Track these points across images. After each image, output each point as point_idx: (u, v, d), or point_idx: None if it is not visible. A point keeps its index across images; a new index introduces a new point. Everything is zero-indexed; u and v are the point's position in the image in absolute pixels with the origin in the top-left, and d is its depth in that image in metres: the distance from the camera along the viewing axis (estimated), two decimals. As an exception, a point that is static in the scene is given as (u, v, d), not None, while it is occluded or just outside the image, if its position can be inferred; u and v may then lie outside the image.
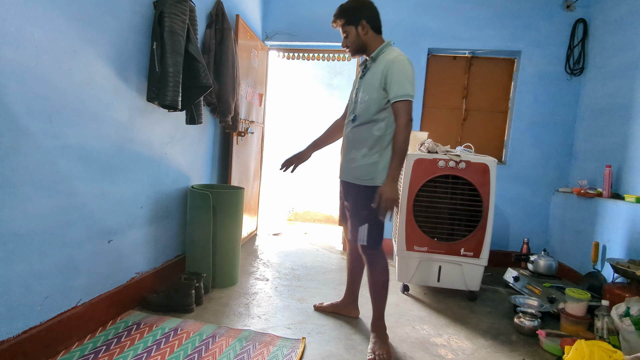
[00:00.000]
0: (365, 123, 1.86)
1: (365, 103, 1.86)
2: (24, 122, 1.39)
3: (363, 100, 1.87)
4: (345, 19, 1.88)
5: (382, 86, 1.81)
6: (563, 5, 3.33)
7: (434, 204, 2.54)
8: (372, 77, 1.85)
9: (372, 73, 1.86)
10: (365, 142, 1.85)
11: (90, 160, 1.72)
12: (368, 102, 1.85)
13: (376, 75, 1.83)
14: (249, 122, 3.43)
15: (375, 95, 1.83)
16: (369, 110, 1.84)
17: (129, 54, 1.90)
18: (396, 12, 3.57)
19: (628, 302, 1.93)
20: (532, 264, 2.75)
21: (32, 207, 1.45)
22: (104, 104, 1.77)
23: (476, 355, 1.90)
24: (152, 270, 2.26)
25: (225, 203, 2.45)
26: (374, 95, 1.83)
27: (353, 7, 1.89)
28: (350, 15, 1.88)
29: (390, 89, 1.77)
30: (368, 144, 1.85)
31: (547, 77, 3.38)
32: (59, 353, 1.58)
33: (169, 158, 2.35)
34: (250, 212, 3.66)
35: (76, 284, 1.69)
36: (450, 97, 3.64)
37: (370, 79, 1.86)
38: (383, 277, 1.92)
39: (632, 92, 2.67)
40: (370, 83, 1.85)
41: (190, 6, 2.14)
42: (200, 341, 1.79)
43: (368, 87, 1.86)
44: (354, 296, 2.24)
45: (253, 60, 3.43)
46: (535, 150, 3.43)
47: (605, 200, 2.65)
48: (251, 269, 2.93)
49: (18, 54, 1.34)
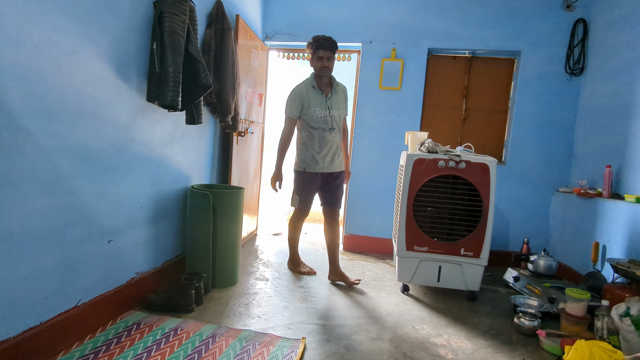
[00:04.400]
0: (340, 130, 2.76)
1: (339, 118, 2.74)
2: (24, 122, 1.38)
3: (340, 115, 2.73)
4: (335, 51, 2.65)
5: (344, 107, 2.79)
6: (563, 5, 3.33)
7: (434, 204, 2.54)
8: (340, 99, 2.73)
9: (339, 97, 2.73)
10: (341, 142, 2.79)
11: (90, 160, 1.72)
12: (341, 117, 2.75)
13: (342, 98, 2.76)
14: (249, 122, 3.43)
15: (342, 113, 2.76)
16: (341, 121, 2.78)
17: (129, 54, 1.90)
18: (396, 12, 3.57)
19: (628, 302, 1.93)
20: (532, 264, 2.75)
21: (32, 207, 1.45)
22: (104, 104, 1.77)
23: (476, 355, 1.90)
24: (152, 270, 2.26)
25: (225, 203, 2.44)
26: (342, 112, 2.76)
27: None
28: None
29: (345, 109, 2.82)
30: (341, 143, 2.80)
31: (547, 77, 3.38)
32: (59, 353, 1.58)
33: (169, 158, 2.35)
34: (250, 212, 3.66)
35: (76, 284, 1.69)
36: (450, 97, 3.64)
37: (338, 101, 2.72)
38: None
39: (632, 92, 2.67)
40: (339, 103, 2.72)
41: (190, 6, 2.13)
42: (200, 341, 1.79)
43: (339, 106, 2.72)
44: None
45: (253, 60, 3.43)
46: (535, 150, 3.43)
47: (605, 200, 2.65)
48: (251, 269, 2.93)
49: (18, 54, 1.34)
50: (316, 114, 2.63)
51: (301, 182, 2.76)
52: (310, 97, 2.63)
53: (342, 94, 2.77)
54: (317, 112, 2.63)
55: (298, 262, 2.98)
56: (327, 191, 2.79)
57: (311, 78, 2.69)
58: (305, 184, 2.75)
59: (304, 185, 2.75)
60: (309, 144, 2.69)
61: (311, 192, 2.78)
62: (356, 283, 2.75)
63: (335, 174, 2.76)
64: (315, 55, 2.60)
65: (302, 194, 2.77)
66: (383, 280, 2.91)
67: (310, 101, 2.62)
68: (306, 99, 2.62)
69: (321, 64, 2.58)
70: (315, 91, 2.65)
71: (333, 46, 2.59)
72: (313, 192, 2.79)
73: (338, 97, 2.71)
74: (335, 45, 2.61)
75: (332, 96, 2.67)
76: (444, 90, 3.64)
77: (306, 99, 2.62)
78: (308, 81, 2.69)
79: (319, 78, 2.67)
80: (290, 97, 2.66)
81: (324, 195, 2.80)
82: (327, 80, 2.68)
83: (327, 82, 2.69)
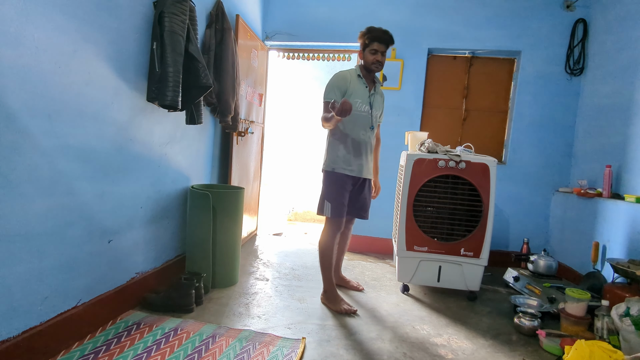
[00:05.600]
0: (374, 134, 2.47)
1: (378, 119, 2.47)
2: (24, 122, 1.38)
3: (378, 115, 2.46)
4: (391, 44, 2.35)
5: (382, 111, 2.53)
6: (563, 5, 3.33)
7: (434, 204, 2.54)
8: (379, 102, 2.47)
9: (379, 99, 2.46)
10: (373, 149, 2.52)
11: (90, 160, 1.72)
12: (378, 120, 2.50)
13: (381, 102, 2.50)
14: (249, 122, 3.43)
15: (381, 116, 2.54)
16: (378, 125, 2.51)
17: (129, 54, 1.90)
18: (396, 12, 3.57)
19: (628, 302, 1.93)
20: (532, 264, 2.75)
21: (32, 207, 1.45)
22: (104, 104, 1.77)
23: (476, 355, 1.90)
24: (152, 270, 2.26)
25: (225, 203, 2.44)
26: (381, 116, 2.54)
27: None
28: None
29: (382, 115, 2.57)
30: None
31: (547, 77, 3.38)
32: (59, 353, 1.58)
33: (169, 158, 2.35)
34: (250, 212, 3.66)
35: (76, 284, 1.69)
36: (450, 97, 3.64)
37: (379, 102, 2.46)
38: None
39: (632, 92, 2.67)
40: (379, 105, 2.48)
41: (190, 6, 2.13)
42: (200, 341, 1.79)
43: (379, 107, 2.47)
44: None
45: (253, 60, 3.43)
46: (535, 150, 3.43)
47: (605, 200, 2.65)
48: (251, 269, 2.93)
49: (18, 54, 1.34)
50: (357, 106, 2.31)
51: (332, 184, 2.33)
52: (354, 87, 2.32)
53: (381, 98, 2.50)
54: (358, 105, 2.31)
55: (336, 296, 2.36)
56: (354, 199, 2.46)
57: (357, 68, 2.40)
58: (337, 187, 2.31)
59: (336, 188, 2.31)
60: (342, 141, 2.33)
61: (344, 197, 2.34)
62: (359, 289, 2.64)
63: (365, 182, 2.47)
64: (369, 47, 2.30)
65: (334, 200, 2.30)
66: (383, 280, 2.91)
67: (353, 91, 2.31)
68: (350, 87, 2.31)
69: (375, 57, 2.29)
70: (360, 81, 2.35)
71: (390, 40, 2.31)
72: (346, 198, 2.36)
73: (378, 99, 2.44)
74: (392, 39, 2.32)
75: (374, 93, 2.40)
76: (444, 90, 3.64)
77: (350, 87, 2.31)
78: (354, 70, 2.38)
79: (367, 72, 2.38)
80: (333, 81, 2.33)
81: (351, 203, 2.46)
82: (372, 77, 2.42)
83: (372, 79, 2.42)
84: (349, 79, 2.32)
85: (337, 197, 2.31)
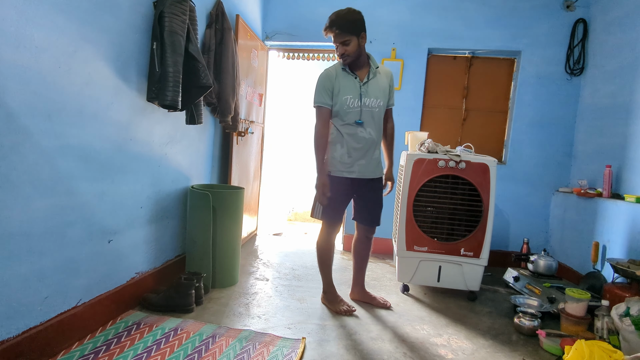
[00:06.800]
0: (379, 125, 2.25)
1: (378, 109, 2.21)
2: (24, 122, 1.38)
3: (377, 105, 2.20)
4: (348, 29, 2.09)
5: (388, 94, 2.27)
6: (563, 5, 3.33)
7: (434, 204, 2.54)
8: (381, 85, 2.22)
9: (379, 81, 2.22)
10: (380, 141, 2.30)
11: (90, 160, 1.72)
12: (382, 107, 2.23)
13: (384, 84, 2.24)
14: (249, 122, 3.43)
15: (384, 101, 2.24)
16: (381, 113, 2.24)
17: (129, 54, 1.90)
18: (396, 12, 3.57)
19: (628, 302, 1.93)
20: (532, 264, 2.75)
21: (32, 207, 1.45)
22: (104, 104, 1.77)
23: (476, 355, 1.90)
24: (152, 270, 2.26)
25: (225, 203, 2.44)
26: (384, 101, 2.24)
27: (357, 19, 2.14)
28: (353, 26, 2.11)
29: (391, 98, 2.31)
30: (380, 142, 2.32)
31: (547, 77, 3.38)
32: (59, 353, 1.58)
33: (169, 158, 2.35)
34: (250, 212, 3.66)
35: (76, 284, 1.69)
36: (450, 97, 3.64)
37: (377, 86, 2.21)
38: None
39: (632, 92, 2.67)
40: (381, 90, 2.21)
41: (190, 6, 2.13)
42: (200, 341, 1.79)
43: (379, 94, 2.20)
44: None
45: (253, 60, 3.43)
46: (535, 150, 3.43)
47: (605, 200, 2.65)
48: (251, 269, 2.93)
49: (18, 54, 1.34)
50: (347, 102, 2.16)
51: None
52: (341, 82, 2.17)
53: (385, 78, 2.24)
54: (348, 101, 2.16)
55: (335, 296, 2.35)
56: (361, 204, 2.32)
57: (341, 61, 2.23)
58: (332, 190, 2.21)
59: (330, 192, 2.21)
60: (338, 141, 2.22)
61: (339, 202, 2.26)
62: (386, 306, 2.39)
63: (372, 182, 2.29)
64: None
65: (327, 203, 2.22)
66: (383, 280, 2.91)
67: (341, 87, 2.17)
68: (337, 84, 2.17)
69: (337, 50, 2.17)
70: (346, 75, 2.18)
71: (333, 24, 2.10)
72: (342, 202, 2.28)
73: (378, 82, 2.20)
74: (337, 22, 2.09)
75: (370, 80, 2.19)
76: (444, 90, 3.64)
77: (337, 84, 2.17)
78: (338, 64, 2.22)
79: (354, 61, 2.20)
80: (318, 83, 2.20)
81: (358, 209, 2.34)
82: (362, 61, 2.20)
83: (363, 63, 2.21)
84: (333, 75, 2.18)
85: (330, 201, 2.21)
